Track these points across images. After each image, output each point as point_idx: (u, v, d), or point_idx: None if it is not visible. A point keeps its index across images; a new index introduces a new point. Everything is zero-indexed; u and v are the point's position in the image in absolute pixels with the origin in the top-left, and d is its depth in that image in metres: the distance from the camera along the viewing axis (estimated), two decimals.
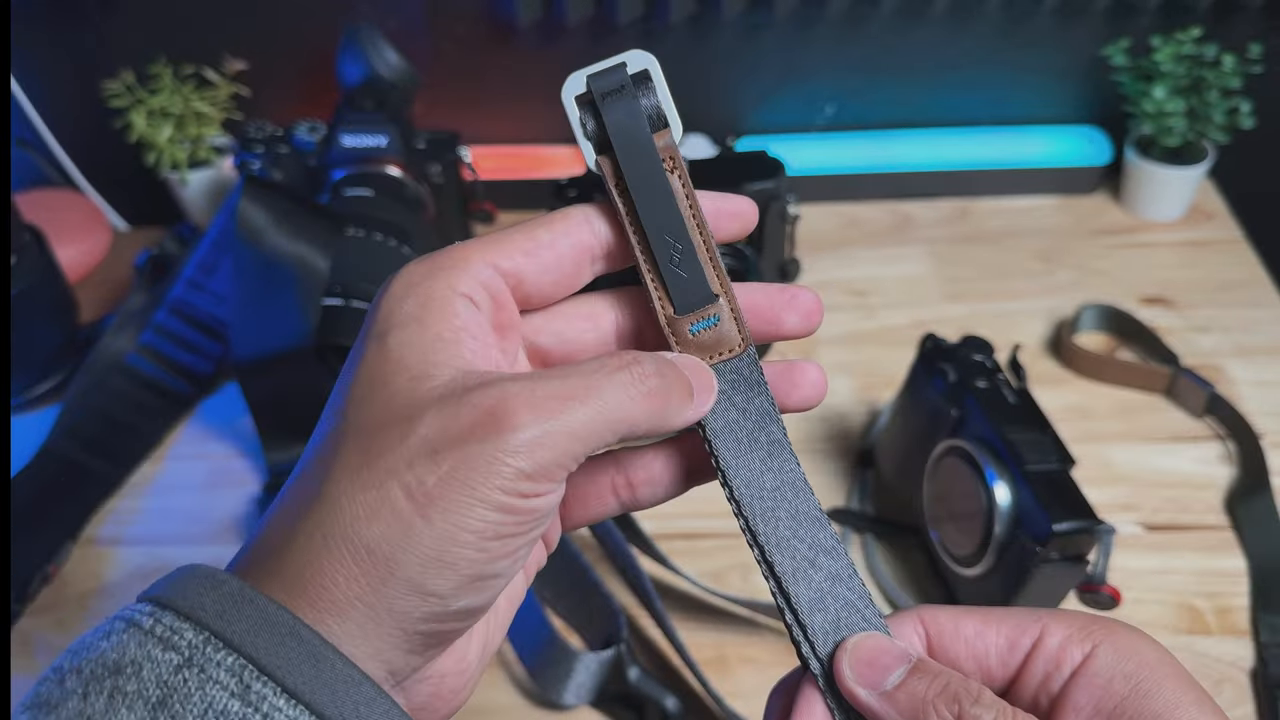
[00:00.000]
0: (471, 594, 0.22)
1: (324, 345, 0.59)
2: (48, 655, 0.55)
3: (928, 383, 0.53)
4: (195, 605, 0.21)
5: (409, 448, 0.22)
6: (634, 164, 0.26)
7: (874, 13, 0.77)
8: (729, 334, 0.26)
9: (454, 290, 0.24)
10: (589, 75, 0.26)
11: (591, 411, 0.23)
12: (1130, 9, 0.76)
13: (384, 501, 0.21)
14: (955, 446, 0.50)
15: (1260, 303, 0.72)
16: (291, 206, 0.60)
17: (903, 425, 0.55)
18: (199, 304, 0.66)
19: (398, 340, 0.23)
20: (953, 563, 0.50)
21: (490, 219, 0.79)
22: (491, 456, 0.21)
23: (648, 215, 0.26)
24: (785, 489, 0.26)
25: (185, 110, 0.76)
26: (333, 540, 0.22)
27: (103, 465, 0.63)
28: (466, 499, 0.21)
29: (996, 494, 0.46)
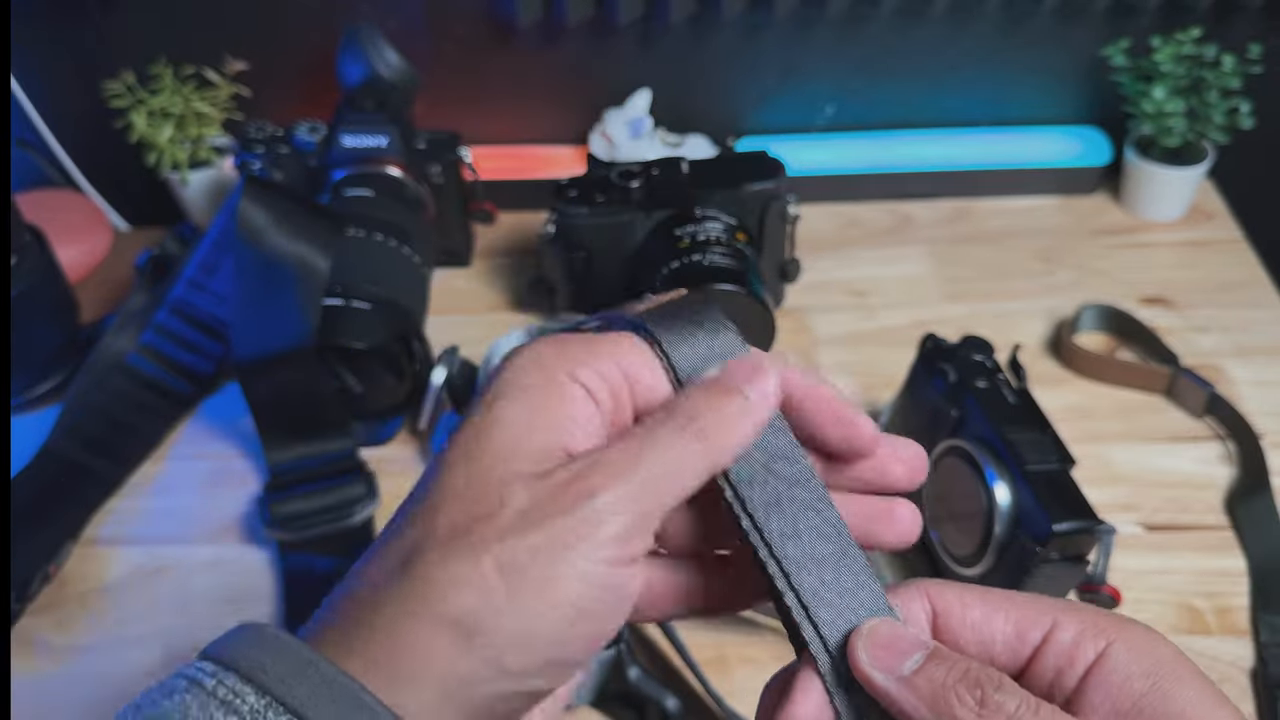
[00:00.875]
0: (544, 677, 0.22)
1: (325, 345, 0.59)
2: (48, 655, 0.55)
3: (928, 383, 0.53)
4: (257, 667, 0.21)
5: (500, 522, 0.22)
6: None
7: (874, 13, 0.77)
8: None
9: (573, 377, 0.24)
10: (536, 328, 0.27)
11: (660, 468, 0.23)
12: (1130, 9, 0.76)
13: (474, 574, 0.21)
14: (955, 446, 0.50)
15: (1260, 303, 0.72)
16: (292, 207, 0.60)
17: (902, 426, 0.56)
18: (200, 304, 0.66)
19: (507, 411, 0.23)
20: (953, 563, 0.50)
21: (490, 219, 0.79)
22: (579, 525, 0.22)
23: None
24: (788, 475, 0.25)
25: (186, 110, 0.76)
26: (420, 611, 0.21)
27: (103, 465, 0.63)
28: (556, 572, 0.21)
29: (996, 494, 0.47)
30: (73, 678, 0.54)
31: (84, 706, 0.53)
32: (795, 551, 0.24)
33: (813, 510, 0.25)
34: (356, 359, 0.60)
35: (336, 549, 0.59)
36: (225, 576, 0.58)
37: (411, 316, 0.64)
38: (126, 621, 0.56)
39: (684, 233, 0.65)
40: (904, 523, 0.27)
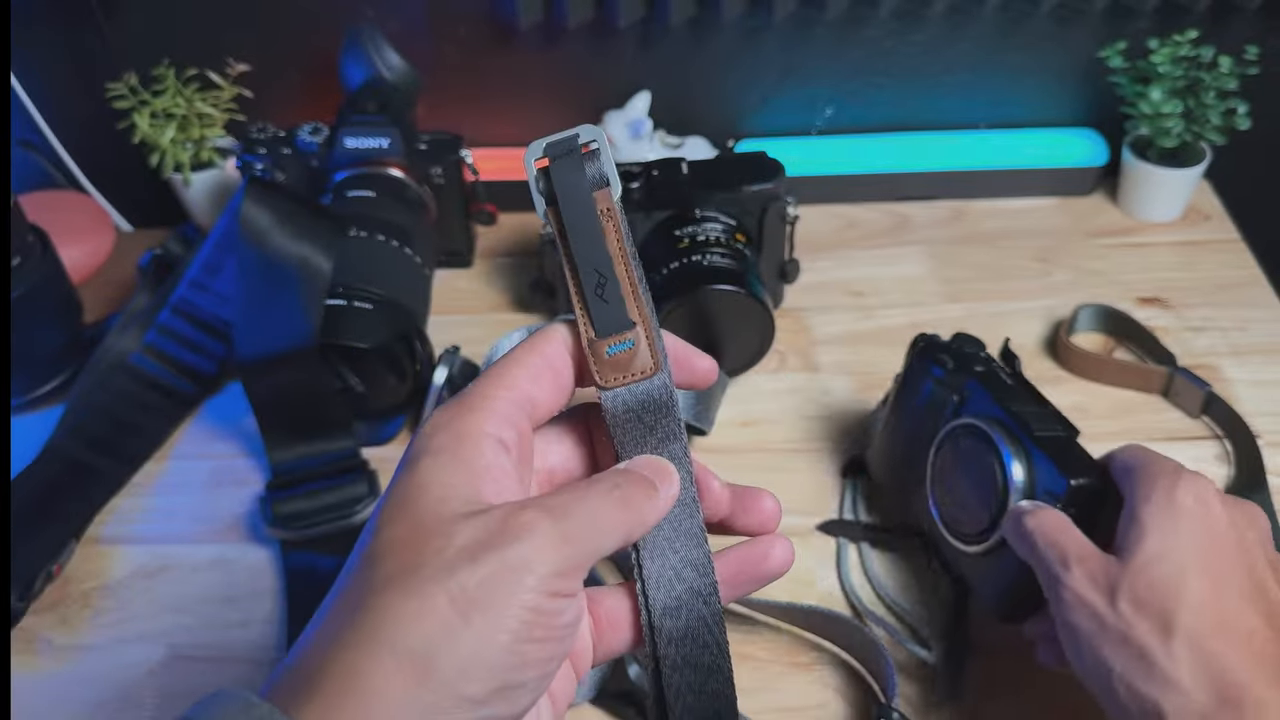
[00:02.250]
0: (500, 702, 0.24)
1: (327, 345, 0.59)
2: (50, 653, 0.55)
3: (925, 374, 0.53)
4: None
5: (448, 557, 0.24)
6: (571, 210, 0.31)
7: (872, 15, 0.78)
8: (643, 358, 0.30)
9: (483, 431, 0.27)
10: (548, 142, 0.32)
11: (592, 518, 0.26)
12: (1127, 11, 0.77)
13: (428, 606, 0.23)
14: (963, 425, 0.49)
15: (1257, 303, 0.72)
16: (294, 208, 0.60)
17: (897, 424, 0.56)
18: (203, 304, 0.66)
19: (427, 466, 0.26)
20: (961, 542, 0.49)
21: (492, 220, 0.79)
22: (520, 557, 0.24)
23: (579, 251, 0.30)
24: (681, 534, 0.29)
25: (188, 112, 0.76)
26: (377, 646, 0.23)
27: (107, 464, 0.63)
28: (504, 599, 0.23)
29: (1010, 463, 0.46)
30: (75, 676, 0.54)
31: (86, 705, 0.53)
32: (653, 568, 0.30)
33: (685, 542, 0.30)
34: (358, 359, 0.61)
35: (338, 548, 0.59)
36: (228, 575, 0.59)
37: (413, 317, 0.65)
38: (129, 620, 0.57)
39: (684, 233, 0.65)
40: (779, 557, 0.31)
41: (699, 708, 0.29)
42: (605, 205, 0.31)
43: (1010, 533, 0.43)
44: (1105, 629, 0.37)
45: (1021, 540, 0.42)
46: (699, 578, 0.29)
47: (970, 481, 0.49)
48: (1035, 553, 0.41)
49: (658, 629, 0.29)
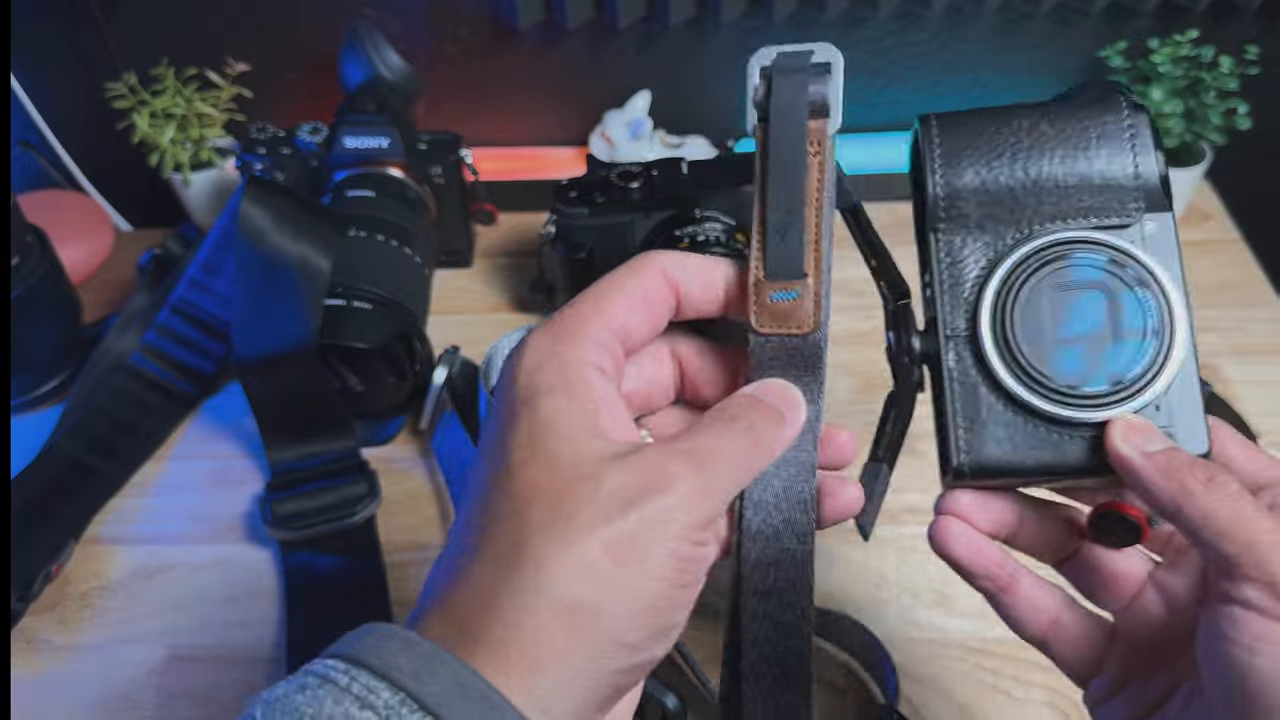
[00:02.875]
0: (658, 643, 0.25)
1: (326, 346, 0.59)
2: (50, 654, 0.55)
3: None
4: (391, 665, 0.21)
5: (599, 504, 0.24)
6: (779, 138, 0.28)
7: (872, 15, 0.77)
8: (805, 312, 0.29)
9: (585, 362, 0.27)
10: (780, 51, 0.29)
11: (728, 462, 0.26)
12: (1127, 11, 0.77)
13: (584, 556, 0.23)
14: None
15: (1257, 303, 0.72)
16: (294, 207, 0.60)
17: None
18: (202, 304, 0.66)
19: (549, 408, 0.25)
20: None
21: (491, 220, 0.79)
22: (669, 510, 0.24)
23: (774, 182, 0.28)
24: (790, 464, 0.28)
25: (188, 111, 0.76)
26: (540, 599, 0.23)
27: (106, 464, 0.63)
28: (655, 548, 0.24)
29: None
30: (75, 677, 0.54)
31: (85, 706, 0.53)
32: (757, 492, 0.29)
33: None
34: (358, 359, 0.61)
35: (338, 548, 0.59)
36: (227, 575, 0.59)
37: (413, 317, 0.64)
38: (129, 620, 0.57)
39: (684, 233, 0.65)
40: (853, 496, 0.30)
41: (775, 657, 0.28)
42: (818, 138, 0.29)
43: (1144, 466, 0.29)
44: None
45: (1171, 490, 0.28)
46: (800, 545, 0.28)
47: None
48: (1204, 528, 0.28)
49: (745, 580, 0.28)
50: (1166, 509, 0.28)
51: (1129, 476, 0.29)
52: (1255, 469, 0.31)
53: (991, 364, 0.31)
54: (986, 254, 0.32)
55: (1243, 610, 0.27)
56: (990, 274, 0.31)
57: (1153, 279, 0.32)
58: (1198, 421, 0.30)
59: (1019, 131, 0.32)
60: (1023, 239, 0.31)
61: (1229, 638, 0.27)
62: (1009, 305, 0.31)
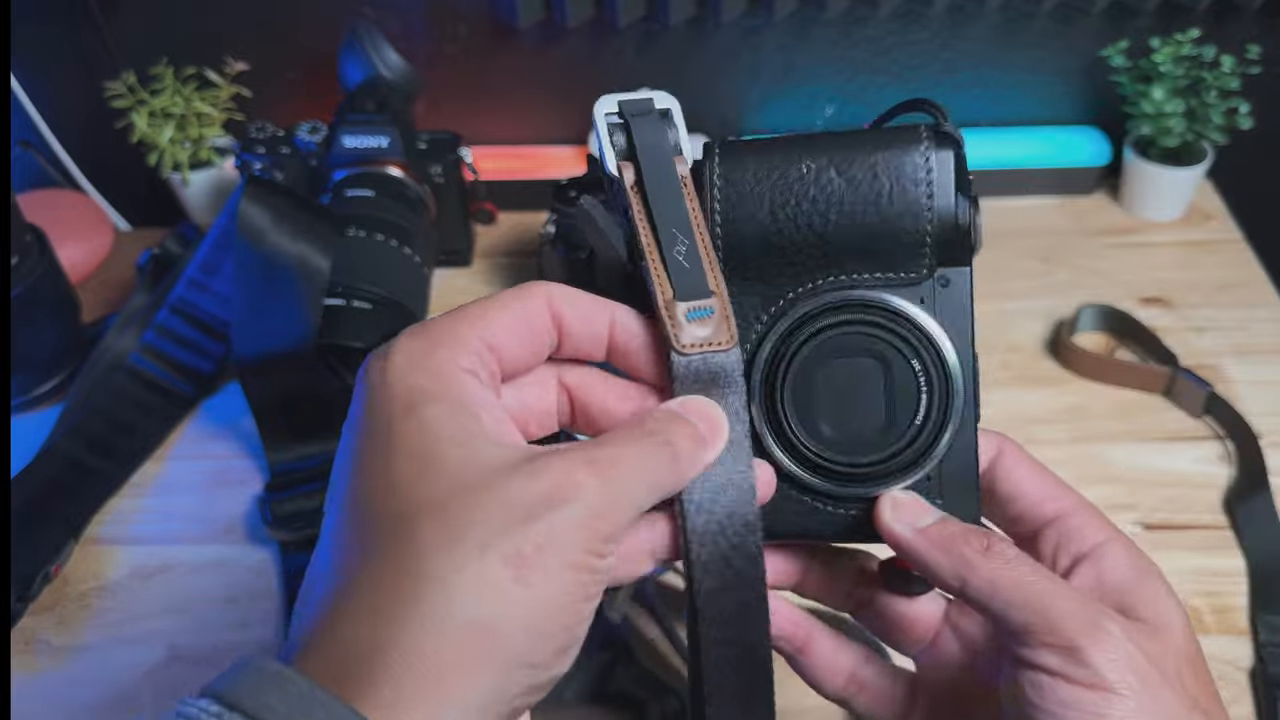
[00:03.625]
0: (560, 662, 0.23)
1: (325, 345, 0.59)
2: (49, 654, 0.55)
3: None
4: (262, 707, 0.20)
5: (497, 518, 0.22)
6: (654, 168, 0.30)
7: (873, 14, 0.77)
8: (720, 329, 0.28)
9: (458, 366, 0.25)
10: (621, 100, 0.31)
11: (638, 475, 0.25)
12: (1129, 11, 0.76)
13: (484, 574, 0.22)
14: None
15: (1259, 303, 0.72)
16: (293, 207, 0.60)
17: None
18: (201, 304, 0.66)
19: (433, 415, 0.24)
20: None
21: (491, 219, 0.79)
22: (575, 521, 0.23)
23: (660, 211, 0.29)
24: (729, 488, 0.28)
25: (187, 111, 0.76)
26: (438, 624, 0.21)
27: (105, 465, 0.63)
28: (558, 563, 0.22)
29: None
30: (74, 677, 0.54)
31: (84, 706, 0.53)
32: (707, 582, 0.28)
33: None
34: (357, 359, 0.60)
35: None
36: (226, 576, 0.59)
37: (412, 316, 0.64)
38: (128, 621, 0.56)
39: None
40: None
41: (736, 682, 0.28)
42: (682, 175, 0.30)
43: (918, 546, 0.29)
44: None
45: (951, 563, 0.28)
46: (750, 567, 0.28)
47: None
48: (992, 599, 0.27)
49: (701, 611, 0.27)
50: (950, 583, 0.28)
51: (904, 553, 0.29)
52: (1040, 498, 0.31)
53: (761, 434, 0.30)
54: (766, 308, 0.30)
55: (1047, 677, 0.26)
56: (764, 337, 0.30)
57: (930, 347, 0.29)
58: (970, 491, 0.30)
59: (804, 179, 0.29)
60: (801, 296, 0.30)
61: (1034, 704, 0.26)
62: (781, 374, 0.29)
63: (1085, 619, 0.26)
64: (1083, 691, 0.25)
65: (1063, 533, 0.30)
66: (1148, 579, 0.29)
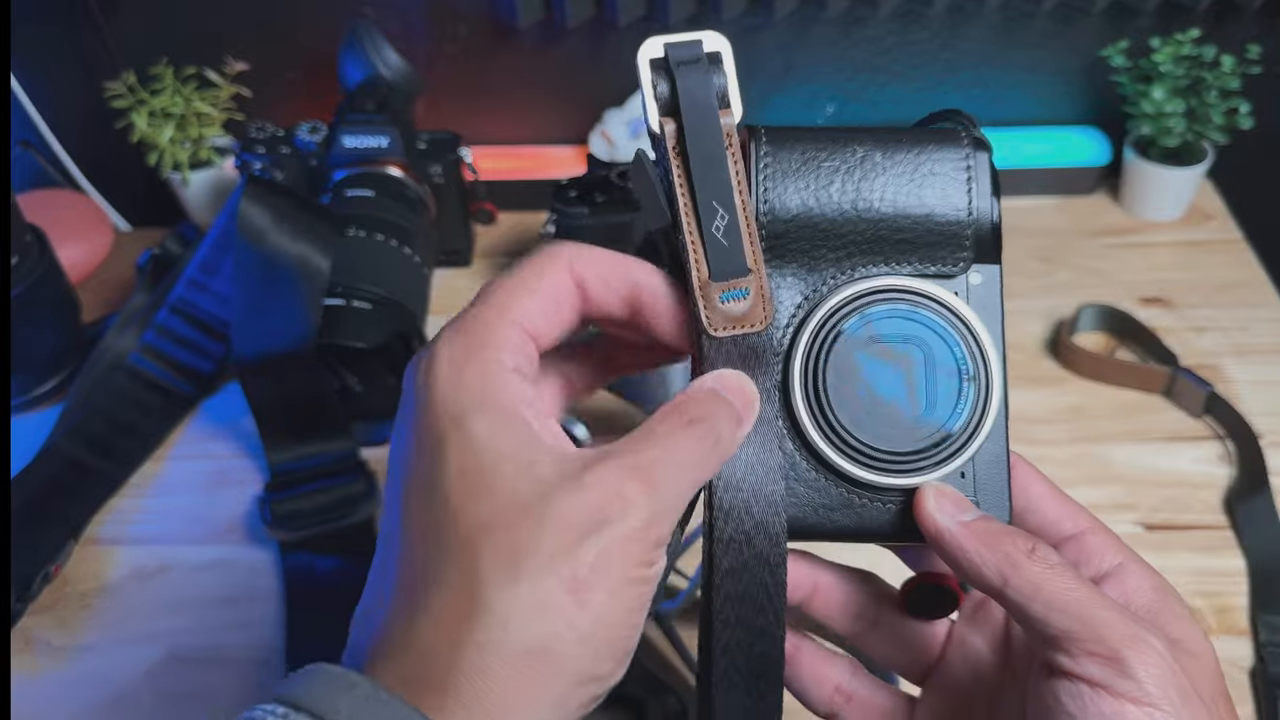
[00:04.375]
0: (618, 671, 0.24)
1: (325, 345, 0.59)
2: (48, 654, 0.55)
3: None
4: (329, 709, 0.21)
5: (553, 540, 0.22)
6: (698, 131, 0.27)
7: (873, 14, 0.77)
8: (755, 310, 0.27)
9: (504, 367, 0.25)
10: (667, 42, 0.28)
11: (684, 473, 0.25)
12: (1129, 10, 0.76)
13: (545, 599, 0.22)
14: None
15: (1259, 303, 0.72)
16: (293, 207, 0.60)
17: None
18: (201, 304, 0.66)
19: (483, 428, 0.24)
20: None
21: (491, 219, 0.79)
22: (629, 531, 0.23)
23: (701, 180, 0.27)
24: (757, 467, 0.28)
25: (187, 111, 0.76)
26: (502, 650, 0.22)
27: (105, 465, 0.63)
28: (617, 580, 0.23)
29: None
30: (73, 677, 0.54)
31: (85, 706, 0.53)
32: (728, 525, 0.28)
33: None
34: (357, 359, 0.60)
35: (337, 548, 0.59)
36: (226, 576, 0.59)
37: (412, 316, 0.64)
38: (127, 621, 0.56)
39: None
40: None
41: (745, 663, 0.27)
42: (727, 130, 0.27)
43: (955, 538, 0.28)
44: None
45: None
46: (771, 549, 0.27)
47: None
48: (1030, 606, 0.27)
49: (717, 588, 0.27)
50: (991, 581, 0.27)
51: (945, 547, 0.28)
52: (1057, 516, 0.30)
53: (800, 418, 0.29)
54: (804, 292, 0.29)
55: (1088, 688, 0.25)
56: (806, 319, 0.29)
57: (972, 338, 0.30)
58: (1002, 490, 0.29)
59: (852, 160, 0.30)
60: (841, 282, 0.29)
61: (1071, 715, 0.25)
62: (822, 358, 0.29)
63: (1130, 631, 0.25)
64: (1125, 705, 0.25)
65: (1082, 550, 0.29)
66: (1171, 601, 0.28)
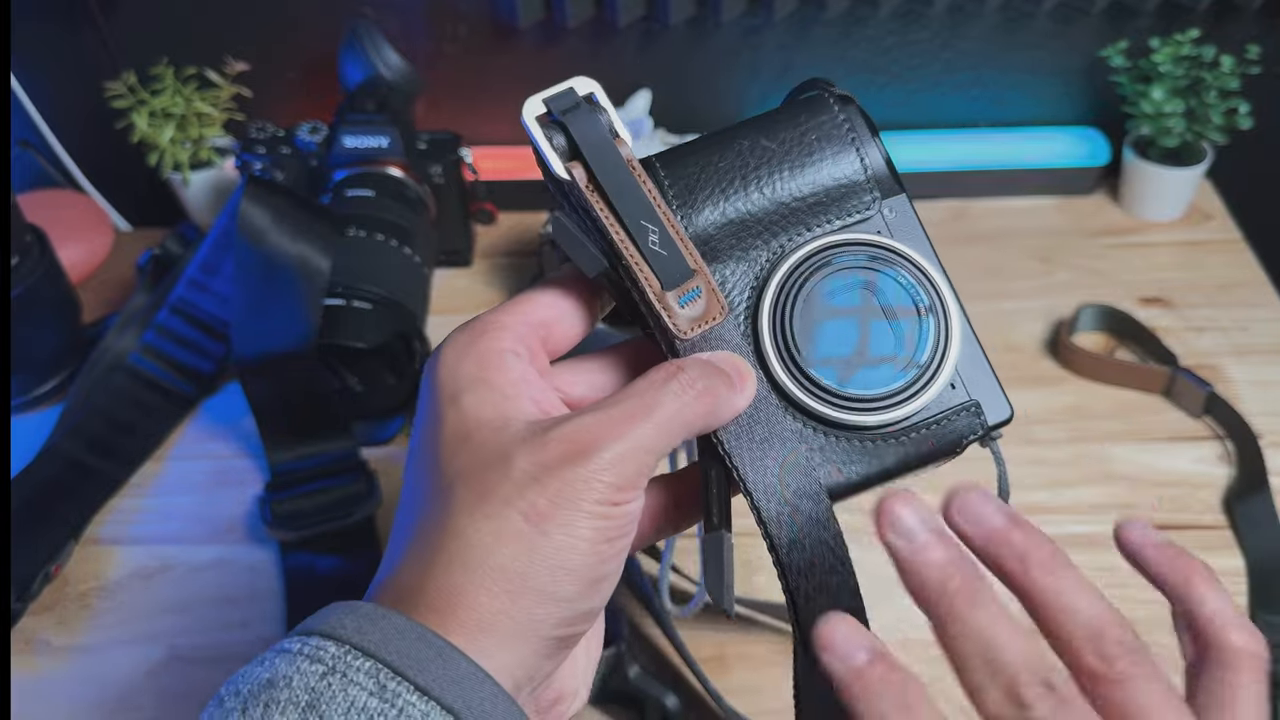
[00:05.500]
0: (592, 595, 0.26)
1: (325, 345, 0.59)
2: (49, 654, 0.55)
3: None
4: (336, 626, 0.24)
5: (514, 480, 0.26)
6: (604, 164, 0.29)
7: (872, 14, 0.77)
8: (711, 305, 0.29)
9: (501, 348, 0.28)
10: (544, 98, 0.30)
11: (655, 424, 0.27)
12: (1129, 11, 0.76)
13: (506, 527, 0.25)
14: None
15: (1258, 303, 0.72)
16: (293, 207, 0.60)
17: None
18: (201, 304, 0.66)
19: (471, 401, 0.27)
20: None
21: (491, 219, 0.79)
22: (586, 477, 0.25)
23: (623, 205, 0.29)
24: (773, 439, 0.29)
25: (187, 111, 0.76)
26: (471, 568, 0.25)
27: (105, 465, 0.63)
28: (573, 513, 0.25)
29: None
30: (74, 677, 0.54)
31: (85, 706, 0.53)
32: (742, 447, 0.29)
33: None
34: (357, 359, 0.61)
35: (337, 548, 0.59)
36: (226, 576, 0.59)
37: (412, 316, 0.64)
38: (128, 621, 0.57)
39: None
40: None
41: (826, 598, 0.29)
42: (628, 157, 0.30)
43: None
44: None
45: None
46: (813, 505, 0.29)
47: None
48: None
49: (786, 565, 0.28)
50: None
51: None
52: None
53: (791, 391, 0.30)
54: (749, 283, 0.31)
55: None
56: (759, 302, 0.31)
57: (906, 261, 0.31)
58: (994, 388, 0.31)
59: (743, 154, 0.32)
60: (779, 257, 0.31)
61: None
62: (788, 334, 0.30)
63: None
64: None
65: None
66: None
